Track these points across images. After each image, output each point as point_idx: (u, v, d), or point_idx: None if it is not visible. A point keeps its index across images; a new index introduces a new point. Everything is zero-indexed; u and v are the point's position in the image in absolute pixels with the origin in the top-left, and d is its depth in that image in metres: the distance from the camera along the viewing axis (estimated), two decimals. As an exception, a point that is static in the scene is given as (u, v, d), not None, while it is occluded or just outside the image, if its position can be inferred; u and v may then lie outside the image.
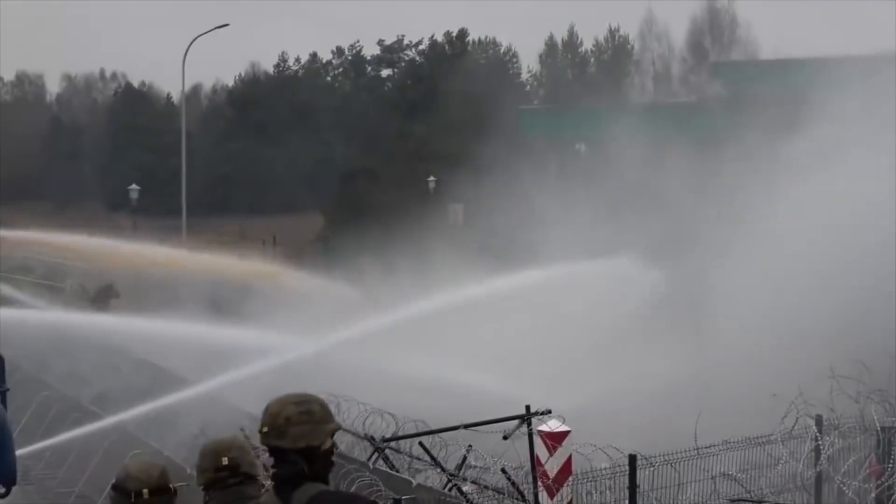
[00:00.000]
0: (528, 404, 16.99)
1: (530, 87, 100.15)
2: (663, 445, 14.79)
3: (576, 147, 56.84)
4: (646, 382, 23.82)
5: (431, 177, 63.46)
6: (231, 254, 42.75)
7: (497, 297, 26.72)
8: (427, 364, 24.98)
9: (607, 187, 32.27)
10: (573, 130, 57.85)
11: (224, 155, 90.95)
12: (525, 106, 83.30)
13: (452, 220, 56.48)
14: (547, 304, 26.58)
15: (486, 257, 34.51)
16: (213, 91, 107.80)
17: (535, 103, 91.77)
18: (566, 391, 22.11)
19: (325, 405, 6.08)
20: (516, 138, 55.17)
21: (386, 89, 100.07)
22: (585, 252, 28.30)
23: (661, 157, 32.66)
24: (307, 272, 40.35)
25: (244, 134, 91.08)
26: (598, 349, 25.38)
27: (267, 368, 22.71)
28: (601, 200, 31.64)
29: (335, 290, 36.60)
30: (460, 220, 55.72)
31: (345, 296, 35.98)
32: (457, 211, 57.59)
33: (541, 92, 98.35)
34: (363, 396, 19.05)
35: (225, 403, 21.36)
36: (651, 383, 23.74)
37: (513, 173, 39.03)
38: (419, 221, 38.83)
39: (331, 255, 41.99)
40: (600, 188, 32.45)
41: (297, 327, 27.09)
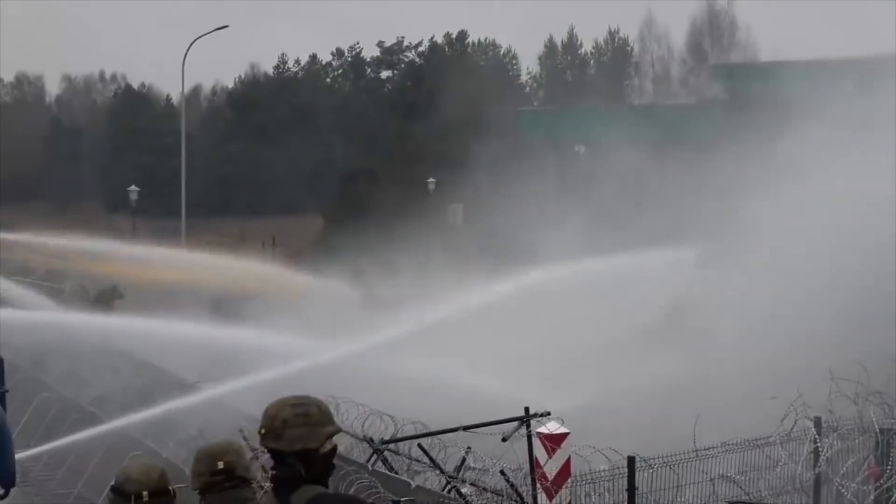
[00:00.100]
0: (527, 406, 17.00)
1: (530, 89, 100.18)
2: (662, 447, 14.79)
3: (575, 149, 56.86)
4: (645, 383, 23.81)
5: (431, 178, 63.47)
6: (231, 256, 42.75)
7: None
8: (429, 365, 24.94)
9: (606, 188, 32.28)
10: (573, 132, 57.84)
11: (224, 156, 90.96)
12: (525, 107, 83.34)
13: (452, 221, 56.48)
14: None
15: (487, 257, 34.55)
16: (213, 92, 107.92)
17: (535, 105, 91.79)
18: (570, 392, 22.13)
19: (325, 408, 6.05)
20: (515, 139, 55.18)
21: (385, 91, 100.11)
22: (583, 253, 28.27)
23: (661, 159, 32.67)
24: (307, 274, 40.32)
25: (244, 135, 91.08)
26: (608, 349, 25.30)
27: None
28: (600, 201, 31.66)
29: (335, 291, 36.59)
30: (460, 221, 55.72)
31: (345, 296, 36.00)
32: (456, 211, 57.59)
33: (540, 93, 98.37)
34: (362, 397, 19.04)
35: (224, 405, 21.33)
36: (650, 384, 23.73)
37: (512, 174, 39.03)
38: (419, 222, 38.82)
39: (331, 256, 41.88)
40: (599, 189, 32.47)
41: (302, 329, 27.07)
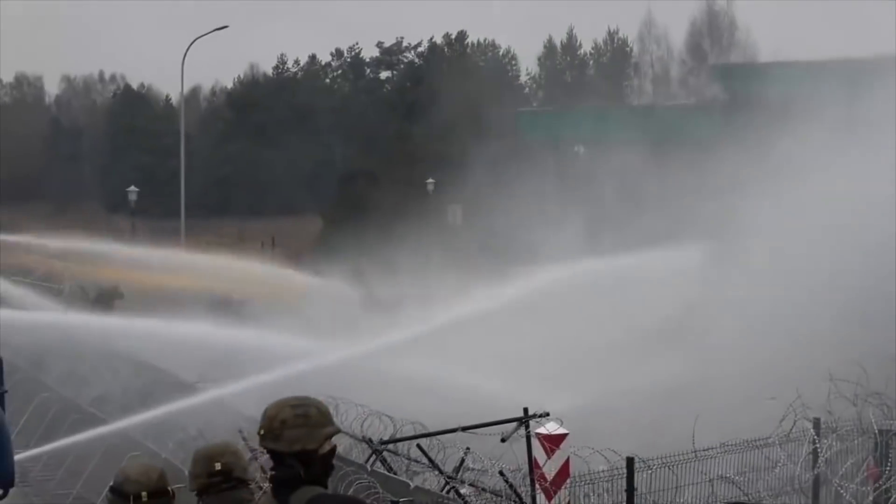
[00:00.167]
0: (526, 407, 17.01)
1: (529, 90, 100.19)
2: (661, 448, 14.80)
3: (574, 149, 56.86)
4: (644, 384, 23.80)
5: (430, 178, 63.50)
6: (231, 257, 42.69)
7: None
8: (429, 366, 24.93)
9: (606, 189, 32.28)
10: (572, 132, 57.83)
11: (223, 157, 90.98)
12: (524, 108, 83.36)
13: (451, 222, 56.50)
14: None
15: (486, 258, 34.54)
16: (213, 93, 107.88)
17: (534, 105, 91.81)
18: (569, 392, 22.13)
19: (324, 409, 6.04)
20: (515, 140, 55.20)
21: (385, 91, 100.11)
22: (582, 253, 28.24)
23: (660, 160, 32.66)
24: (308, 274, 40.30)
25: (243, 136, 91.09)
26: (609, 349, 25.28)
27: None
28: (599, 202, 31.66)
29: (335, 291, 36.57)
30: (459, 221, 55.74)
31: (345, 296, 36.00)
32: (455, 212, 57.62)
33: (540, 94, 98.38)
34: (361, 398, 19.03)
35: (224, 406, 21.33)
36: (650, 385, 23.72)
37: (511, 175, 39.03)
38: (418, 223, 38.82)
39: (330, 257, 41.88)
40: (599, 190, 32.47)
41: (302, 330, 27.05)
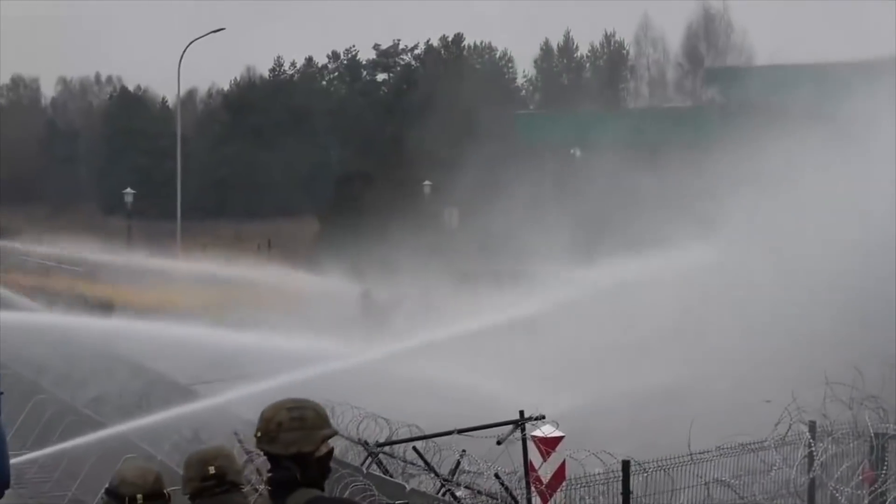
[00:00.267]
0: (522, 409, 17.02)
1: (526, 92, 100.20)
2: (657, 450, 14.81)
3: (571, 152, 56.89)
4: (641, 386, 23.80)
5: (426, 181, 63.46)
6: (229, 264, 42.56)
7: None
8: (429, 367, 24.92)
9: (602, 192, 32.28)
10: (569, 135, 57.88)
11: (219, 159, 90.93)
12: (521, 111, 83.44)
13: (447, 224, 56.53)
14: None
15: (483, 260, 34.58)
16: (209, 95, 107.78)
17: (531, 108, 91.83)
18: (567, 394, 22.14)
19: (321, 411, 6.03)
20: (511, 142, 55.25)
21: (381, 93, 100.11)
22: (578, 255, 28.24)
23: (657, 162, 32.68)
24: (307, 275, 40.30)
25: (239, 138, 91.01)
26: (610, 350, 25.27)
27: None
28: (596, 205, 31.65)
29: (334, 293, 36.58)
30: (455, 224, 55.77)
31: (344, 299, 36.01)
32: (452, 215, 57.64)
33: (536, 97, 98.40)
34: (359, 400, 19.02)
35: (219, 408, 21.32)
36: (646, 388, 23.71)
37: (507, 177, 39.04)
38: (414, 225, 38.82)
39: (328, 259, 41.92)
40: (595, 193, 32.47)
41: (301, 331, 27.05)
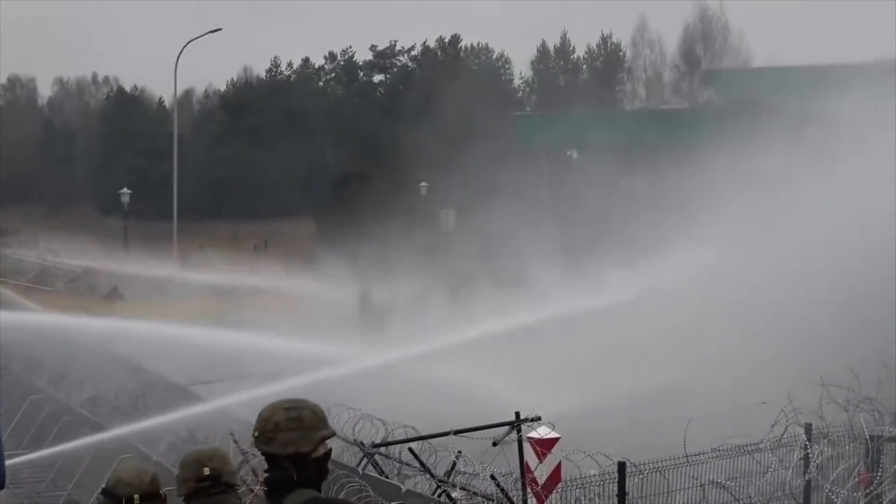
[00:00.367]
0: (518, 410, 17.03)
1: (522, 94, 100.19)
2: (653, 452, 14.81)
3: (567, 153, 56.94)
4: (637, 388, 23.80)
5: (423, 182, 63.44)
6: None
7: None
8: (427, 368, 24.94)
9: (599, 193, 32.29)
10: (567, 136, 57.89)
11: (216, 159, 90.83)
12: (518, 112, 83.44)
13: (444, 225, 56.60)
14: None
15: (480, 261, 34.58)
16: (206, 95, 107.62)
17: (528, 109, 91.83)
18: (567, 395, 22.15)
19: (319, 412, 6.02)
20: (508, 144, 55.24)
21: (378, 94, 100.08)
22: (577, 256, 28.24)
23: (654, 164, 32.71)
24: (305, 279, 40.25)
25: (236, 138, 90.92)
26: (609, 352, 25.28)
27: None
28: (592, 206, 31.67)
29: (333, 295, 36.58)
30: (452, 225, 55.83)
31: (342, 300, 36.01)
32: (448, 215, 57.70)
33: (532, 98, 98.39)
34: (354, 401, 19.01)
35: (215, 408, 21.32)
36: (642, 389, 23.72)
37: (504, 178, 39.06)
38: (411, 226, 38.83)
39: (325, 260, 41.93)
40: (592, 194, 32.48)
41: (299, 333, 27.05)
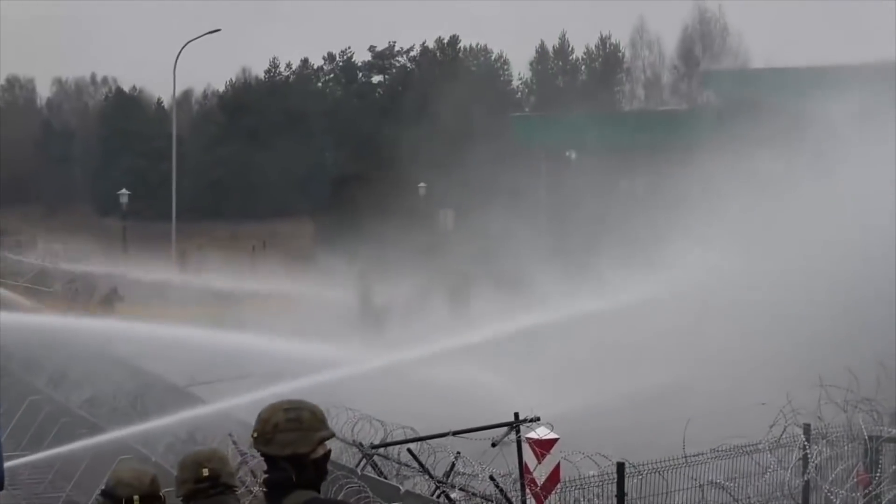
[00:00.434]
0: (517, 411, 17.04)
1: (521, 94, 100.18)
2: (652, 453, 14.81)
3: (566, 154, 56.93)
4: (635, 388, 23.82)
5: (422, 182, 63.41)
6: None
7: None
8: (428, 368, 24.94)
9: (598, 194, 32.31)
10: (566, 137, 57.86)
11: (215, 160, 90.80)
12: (517, 113, 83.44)
13: (442, 226, 56.60)
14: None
15: (478, 263, 34.56)
16: (204, 96, 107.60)
17: (526, 110, 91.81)
18: (567, 396, 22.16)
19: (318, 413, 6.01)
20: (506, 144, 55.24)
21: (377, 95, 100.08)
22: (574, 258, 28.25)
23: (653, 165, 32.73)
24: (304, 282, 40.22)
25: (235, 139, 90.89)
26: (604, 354, 25.28)
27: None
28: (591, 207, 31.69)
29: (332, 296, 36.58)
30: (450, 226, 55.84)
31: (341, 301, 36.02)
32: (447, 216, 57.71)
33: (531, 99, 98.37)
34: (352, 402, 19.01)
35: (217, 410, 21.32)
36: (641, 389, 23.73)
37: (503, 179, 39.09)
38: (410, 227, 38.83)
39: (323, 261, 41.97)
40: (591, 195, 32.50)
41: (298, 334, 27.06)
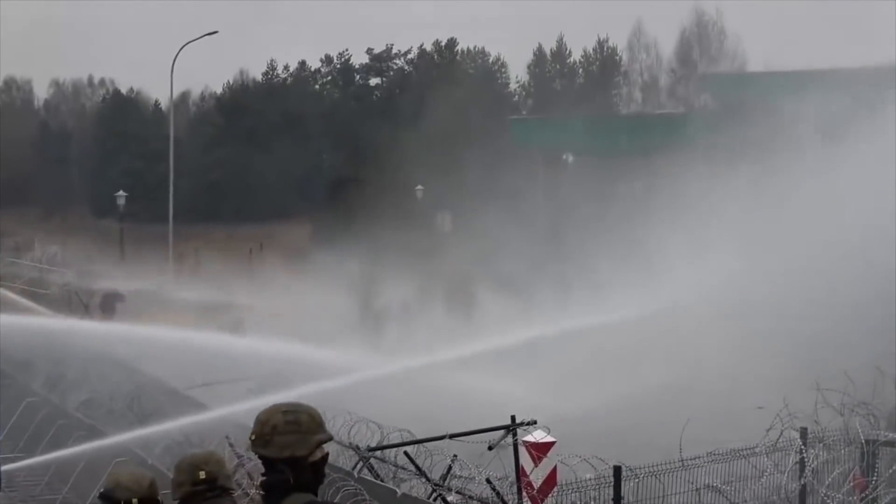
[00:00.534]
0: (514, 414, 17.05)
1: (518, 97, 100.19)
2: (649, 456, 14.82)
3: (564, 157, 56.96)
4: (635, 390, 23.85)
5: (419, 185, 63.38)
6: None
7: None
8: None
9: (595, 197, 32.34)
10: (564, 140, 57.87)
11: (212, 161, 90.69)
12: (515, 116, 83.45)
13: (440, 229, 56.57)
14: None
15: (476, 265, 34.59)
16: (202, 98, 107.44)
17: (524, 113, 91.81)
18: (562, 399, 22.19)
19: (316, 416, 6.01)
20: (504, 147, 55.29)
21: (374, 98, 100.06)
22: (571, 262, 28.27)
23: (651, 168, 32.77)
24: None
25: (232, 141, 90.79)
26: (602, 356, 25.33)
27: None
28: (588, 210, 31.71)
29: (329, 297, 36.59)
30: (448, 229, 55.81)
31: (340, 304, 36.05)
32: (444, 219, 57.68)
33: (529, 102, 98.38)
34: (350, 404, 19.01)
35: (210, 411, 21.34)
36: (638, 392, 23.76)
37: (501, 182, 39.11)
38: (407, 229, 38.84)
39: (321, 263, 41.98)
40: (589, 197, 32.53)
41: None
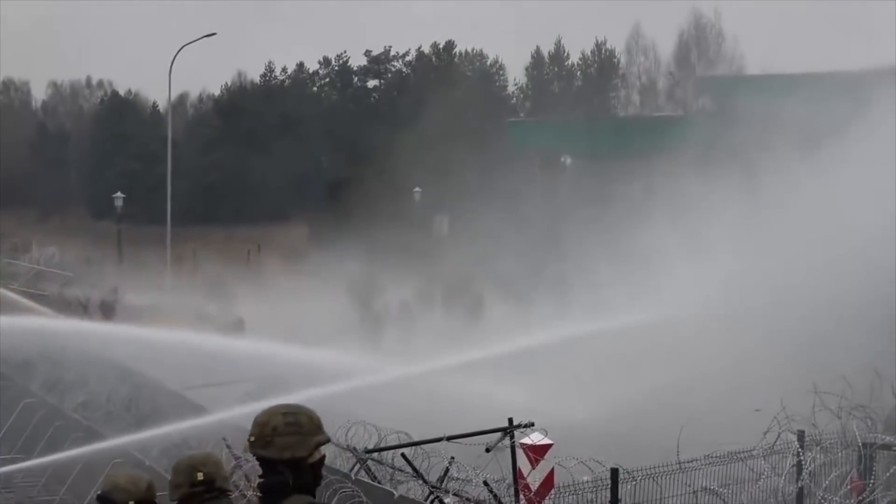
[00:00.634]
0: (511, 417, 17.05)
1: (516, 100, 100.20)
2: (646, 458, 14.82)
3: (562, 159, 57.00)
4: (631, 395, 23.86)
5: (417, 187, 63.39)
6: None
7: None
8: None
9: (594, 199, 32.33)
10: (561, 143, 57.93)
11: (210, 163, 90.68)
12: (513, 118, 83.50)
13: (437, 231, 56.58)
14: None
15: (473, 267, 34.61)
16: (200, 100, 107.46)
17: (522, 115, 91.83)
18: (563, 403, 22.21)
19: (315, 417, 6.05)
20: (501, 150, 55.33)
21: (372, 100, 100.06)
22: (569, 263, 28.29)
23: (648, 170, 32.75)
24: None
25: (230, 142, 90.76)
26: (602, 359, 25.34)
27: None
28: (586, 212, 31.71)
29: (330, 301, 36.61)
30: (445, 231, 55.83)
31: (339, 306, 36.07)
32: (442, 222, 57.69)
33: (527, 104, 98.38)
34: (348, 406, 19.01)
35: (208, 413, 21.32)
36: (636, 396, 23.78)
37: (499, 184, 39.12)
38: (404, 231, 38.85)
39: (319, 265, 41.99)
40: (588, 200, 32.53)
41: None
